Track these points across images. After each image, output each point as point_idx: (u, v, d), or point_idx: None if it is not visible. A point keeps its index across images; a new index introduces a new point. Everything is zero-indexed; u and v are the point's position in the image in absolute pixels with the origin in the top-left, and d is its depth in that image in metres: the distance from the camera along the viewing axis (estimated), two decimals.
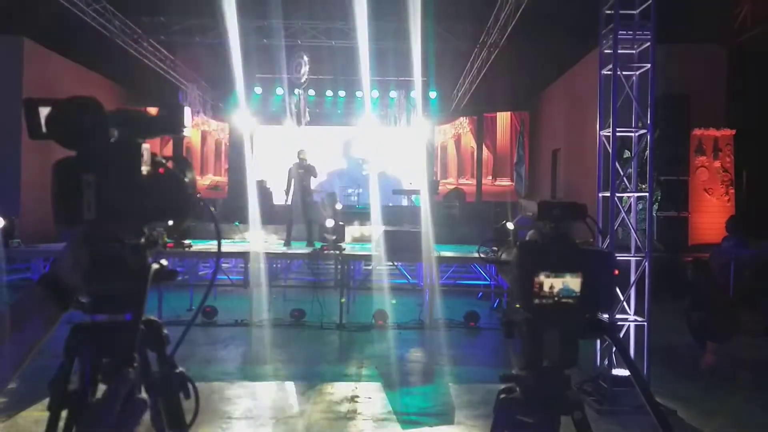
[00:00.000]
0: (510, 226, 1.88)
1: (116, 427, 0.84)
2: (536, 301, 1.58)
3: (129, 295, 1.09)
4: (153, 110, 1.18)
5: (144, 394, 1.10)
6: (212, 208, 1.27)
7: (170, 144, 15.26)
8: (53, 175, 1.05)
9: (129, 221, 1.10)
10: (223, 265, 10.56)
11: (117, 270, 1.10)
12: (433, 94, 16.95)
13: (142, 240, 1.15)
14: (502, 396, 1.72)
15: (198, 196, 1.19)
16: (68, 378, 1.15)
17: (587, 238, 1.73)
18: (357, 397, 5.01)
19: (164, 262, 1.18)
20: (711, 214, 11.32)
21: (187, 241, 8.22)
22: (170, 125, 1.19)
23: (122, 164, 1.07)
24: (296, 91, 16.01)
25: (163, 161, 1.15)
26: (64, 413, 1.14)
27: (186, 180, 1.15)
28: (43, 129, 1.07)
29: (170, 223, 1.16)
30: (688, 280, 6.55)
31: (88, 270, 1.07)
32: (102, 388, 1.14)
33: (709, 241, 10.81)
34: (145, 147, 1.11)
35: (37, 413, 4.12)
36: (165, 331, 1.25)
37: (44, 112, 1.07)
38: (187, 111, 1.19)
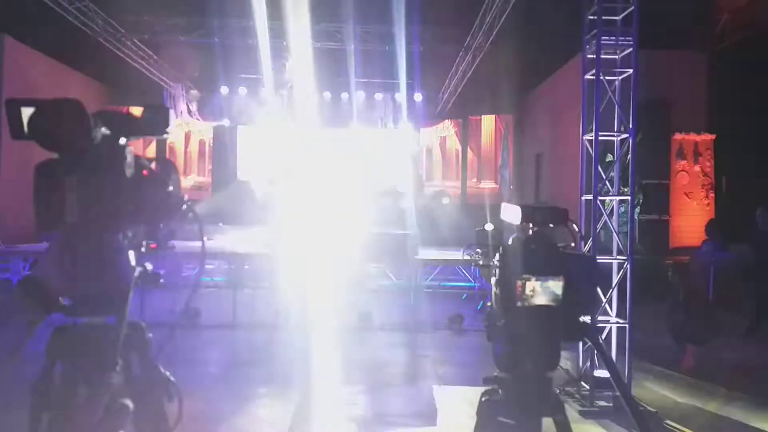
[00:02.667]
0: (489, 227, 1.88)
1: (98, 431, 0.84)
2: (518, 304, 1.60)
3: (112, 298, 1.08)
4: (137, 110, 1.17)
5: (127, 399, 1.09)
6: (195, 210, 1.26)
7: (153, 144, 15.11)
8: (35, 177, 1.04)
9: (112, 224, 1.09)
10: (207, 266, 10.48)
11: (100, 272, 1.09)
12: (418, 97, 16.98)
13: (126, 242, 1.14)
14: (485, 398, 1.74)
15: (182, 197, 1.19)
16: (50, 381, 1.14)
17: (568, 242, 1.75)
18: (342, 399, 5.00)
19: (149, 265, 1.17)
20: (691, 218, 11.48)
21: (171, 243, 8.14)
22: (154, 127, 1.18)
23: (106, 167, 1.06)
24: (280, 91, 15.95)
25: (147, 163, 1.14)
26: (45, 416, 1.13)
27: (170, 182, 1.14)
28: (25, 130, 1.05)
29: (156, 224, 1.15)
30: (669, 282, 6.65)
31: (70, 272, 1.06)
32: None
33: (689, 245, 10.96)
34: (129, 149, 1.10)
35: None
36: (149, 334, 1.24)
37: (27, 112, 1.05)
38: (172, 113, 1.18)
